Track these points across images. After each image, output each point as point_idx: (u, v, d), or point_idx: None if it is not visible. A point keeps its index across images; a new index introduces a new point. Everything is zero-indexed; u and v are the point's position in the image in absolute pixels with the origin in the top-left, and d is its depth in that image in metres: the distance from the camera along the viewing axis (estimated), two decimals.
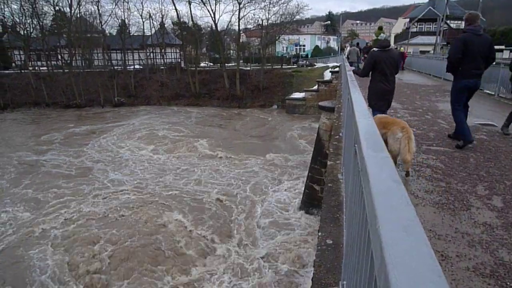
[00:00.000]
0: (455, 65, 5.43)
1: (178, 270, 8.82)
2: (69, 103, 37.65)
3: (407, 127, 4.26)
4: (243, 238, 10.14)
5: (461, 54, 5.26)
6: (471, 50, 5.22)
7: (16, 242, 10.42)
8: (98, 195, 13.67)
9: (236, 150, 19.47)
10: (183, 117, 30.70)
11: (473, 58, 5.28)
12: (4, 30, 48.95)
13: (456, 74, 5.54)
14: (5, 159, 19.28)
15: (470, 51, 5.22)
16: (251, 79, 37.91)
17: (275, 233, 10.44)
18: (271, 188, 13.96)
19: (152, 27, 47.06)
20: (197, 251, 9.63)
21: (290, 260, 9.01)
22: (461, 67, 5.39)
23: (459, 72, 5.47)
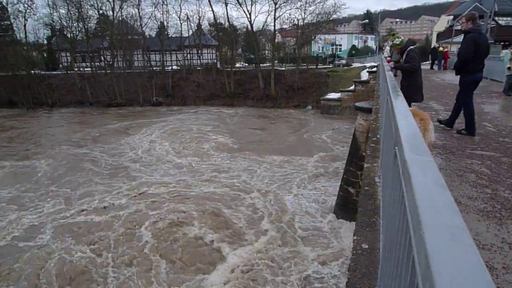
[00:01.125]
0: (466, 63, 5.80)
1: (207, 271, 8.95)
2: (111, 102, 39.35)
3: (425, 119, 4.36)
4: (273, 241, 10.08)
5: (473, 53, 5.65)
6: (479, 48, 5.66)
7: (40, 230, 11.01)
8: (133, 189, 14.15)
9: (269, 150, 19.46)
10: (218, 117, 31.14)
11: (479, 55, 5.74)
12: (53, 34, 52.06)
13: (464, 71, 5.93)
14: (52, 152, 20.82)
15: (478, 49, 5.66)
16: (286, 79, 37.79)
17: (306, 235, 10.31)
18: (304, 189, 13.83)
19: (190, 29, 48.17)
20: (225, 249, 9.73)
21: (320, 264, 8.88)
22: (470, 64, 5.80)
23: (467, 68, 5.86)
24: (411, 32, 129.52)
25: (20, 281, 8.67)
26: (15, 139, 25.62)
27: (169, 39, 46.06)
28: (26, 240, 10.60)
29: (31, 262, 9.38)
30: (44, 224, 11.62)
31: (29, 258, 9.56)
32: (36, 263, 9.34)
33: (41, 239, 10.62)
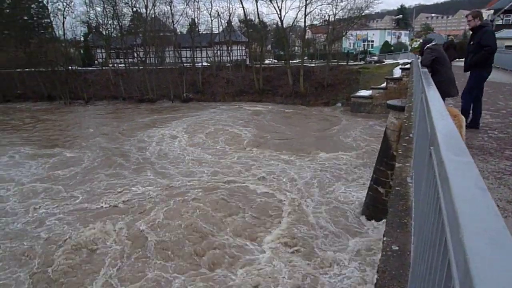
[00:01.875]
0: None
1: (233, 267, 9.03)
2: (143, 98, 40.38)
3: (458, 115, 4.39)
4: (300, 242, 10.02)
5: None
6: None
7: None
8: (162, 182, 14.48)
9: (296, 147, 19.34)
10: (246, 113, 31.26)
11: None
12: (89, 31, 54.05)
13: (485, 65, 6.00)
14: (86, 143, 21.94)
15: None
16: (315, 76, 37.33)
17: (335, 235, 10.18)
18: (331, 188, 13.65)
19: (220, 25, 48.54)
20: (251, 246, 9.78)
21: (349, 265, 8.75)
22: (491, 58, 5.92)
23: (488, 62, 5.98)
24: (447, 28, 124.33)
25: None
26: (54, 130, 27.18)
27: (200, 36, 46.65)
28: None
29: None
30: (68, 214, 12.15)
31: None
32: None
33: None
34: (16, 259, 9.58)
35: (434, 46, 6.51)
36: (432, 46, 6.50)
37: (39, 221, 11.60)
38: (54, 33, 50.09)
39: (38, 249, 9.93)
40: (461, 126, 4.29)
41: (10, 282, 8.64)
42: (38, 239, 10.45)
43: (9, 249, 9.99)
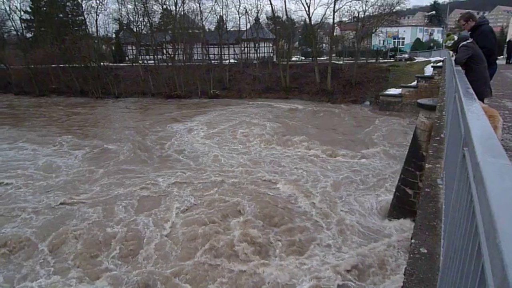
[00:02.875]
0: (492, 54, 6.15)
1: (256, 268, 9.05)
2: (171, 94, 41.13)
3: (494, 116, 4.16)
4: (325, 243, 9.91)
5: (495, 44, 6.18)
6: (495, 38, 6.24)
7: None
8: (191, 176, 14.71)
9: (322, 145, 19.08)
10: (272, 110, 31.21)
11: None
12: (121, 28, 55.59)
13: (489, 62, 6.05)
14: (117, 137, 22.79)
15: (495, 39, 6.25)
16: (343, 74, 36.77)
17: (359, 237, 9.99)
18: (357, 188, 13.43)
19: (248, 23, 48.65)
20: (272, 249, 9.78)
21: (374, 267, 8.59)
22: (493, 55, 6.17)
23: (491, 59, 6.19)
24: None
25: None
26: (87, 123, 28.70)
27: (228, 33, 46.95)
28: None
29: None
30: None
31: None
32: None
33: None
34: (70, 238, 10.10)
35: (470, 44, 6.25)
36: (468, 44, 6.25)
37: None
38: (88, 30, 51.89)
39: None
40: (496, 127, 4.07)
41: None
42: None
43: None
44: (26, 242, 10.09)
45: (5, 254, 9.64)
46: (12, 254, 9.65)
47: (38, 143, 21.63)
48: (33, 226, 10.98)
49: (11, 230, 10.77)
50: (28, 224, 11.14)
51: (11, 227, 11.03)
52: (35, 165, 17.26)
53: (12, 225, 11.15)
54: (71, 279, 8.53)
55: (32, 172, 16.31)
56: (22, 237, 10.34)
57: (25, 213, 11.89)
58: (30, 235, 10.45)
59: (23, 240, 10.17)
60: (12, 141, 22.36)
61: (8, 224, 11.15)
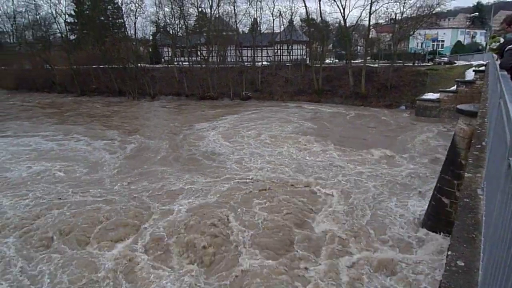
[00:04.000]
0: None
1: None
2: (204, 95, 41.88)
3: None
4: (353, 252, 9.66)
5: None
6: None
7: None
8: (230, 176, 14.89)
9: (354, 150, 18.67)
10: (304, 112, 31.00)
11: None
12: (157, 30, 57.29)
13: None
14: (152, 134, 23.89)
15: None
16: (378, 77, 35.92)
17: (390, 247, 9.64)
18: (390, 195, 13.02)
19: (281, 25, 48.68)
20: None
21: (402, 276, 8.28)
22: None
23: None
24: None
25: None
26: (125, 120, 30.55)
27: (261, 35, 47.20)
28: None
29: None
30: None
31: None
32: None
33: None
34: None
35: None
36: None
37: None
38: (126, 33, 53.97)
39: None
40: None
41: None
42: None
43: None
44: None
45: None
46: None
47: (84, 137, 23.97)
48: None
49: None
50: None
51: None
52: (83, 157, 19.17)
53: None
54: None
55: (80, 162, 18.08)
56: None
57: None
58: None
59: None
60: (58, 135, 25.02)
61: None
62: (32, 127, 27.81)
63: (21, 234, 10.49)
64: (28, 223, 11.11)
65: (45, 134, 25.15)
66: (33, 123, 29.63)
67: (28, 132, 25.97)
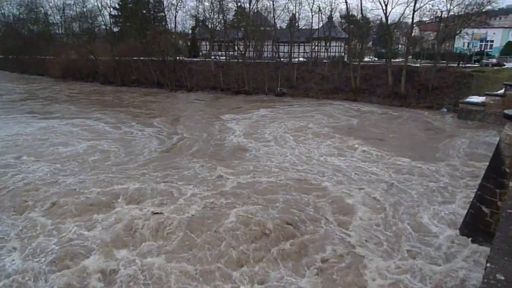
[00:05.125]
0: None
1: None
2: (239, 90, 42.18)
3: None
4: (385, 255, 9.44)
5: None
6: None
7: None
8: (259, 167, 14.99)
9: (391, 152, 18.13)
10: (340, 111, 30.43)
11: None
12: (197, 24, 58.31)
13: None
14: (187, 125, 24.10)
15: None
16: (419, 77, 34.59)
17: (424, 256, 9.26)
18: (424, 201, 12.53)
19: (320, 21, 48.01)
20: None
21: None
22: None
23: None
24: None
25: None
26: (161, 110, 31.94)
27: (299, 31, 46.84)
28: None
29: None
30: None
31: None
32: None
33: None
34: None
35: None
36: None
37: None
38: (167, 26, 55.40)
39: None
40: None
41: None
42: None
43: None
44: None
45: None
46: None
47: (123, 123, 26.08)
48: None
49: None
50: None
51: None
52: (121, 140, 21.18)
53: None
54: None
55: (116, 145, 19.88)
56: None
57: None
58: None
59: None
60: (97, 118, 27.78)
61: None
62: (78, 111, 31.09)
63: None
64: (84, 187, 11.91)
65: (88, 117, 28.24)
66: (79, 108, 32.82)
67: (74, 115, 29.32)
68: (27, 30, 77.46)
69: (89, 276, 8.25)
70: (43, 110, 31.51)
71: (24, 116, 28.38)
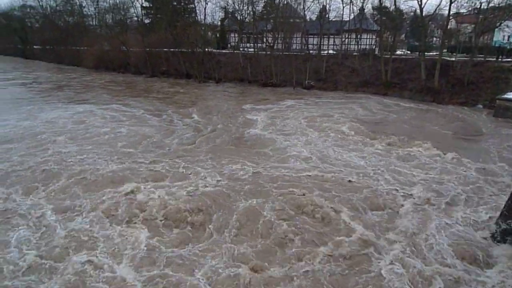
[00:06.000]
0: None
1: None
2: (267, 82, 42.10)
3: None
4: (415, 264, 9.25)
5: None
6: None
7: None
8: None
9: (421, 148, 17.60)
10: (370, 105, 29.76)
11: None
12: (226, 16, 58.44)
13: None
14: (214, 115, 24.51)
15: None
16: (454, 72, 33.25)
17: (459, 259, 8.97)
18: (461, 201, 12.16)
19: (351, 13, 46.94)
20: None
21: None
22: None
23: None
24: None
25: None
26: (189, 100, 33.29)
27: (329, 23, 46.01)
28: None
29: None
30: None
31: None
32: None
33: None
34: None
35: None
36: None
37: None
38: (196, 18, 55.77)
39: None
40: None
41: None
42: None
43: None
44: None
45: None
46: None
47: (151, 110, 27.64)
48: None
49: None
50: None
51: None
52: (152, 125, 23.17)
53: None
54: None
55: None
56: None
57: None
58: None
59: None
60: (129, 105, 30.02)
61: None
62: (111, 99, 33.45)
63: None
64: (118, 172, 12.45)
65: (120, 104, 30.40)
66: (112, 96, 35.32)
67: (108, 101, 31.67)
68: (63, 21, 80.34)
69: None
70: (79, 97, 33.90)
71: (61, 102, 30.89)
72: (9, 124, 22.35)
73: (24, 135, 19.62)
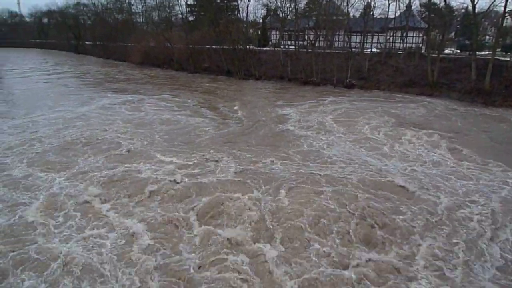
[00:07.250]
0: None
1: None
2: (307, 80, 41.73)
3: None
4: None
5: None
6: None
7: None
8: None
9: (467, 157, 16.81)
10: (415, 107, 28.63)
11: None
12: (268, 13, 58.60)
13: None
14: (253, 111, 24.75)
15: None
16: (508, 72, 31.23)
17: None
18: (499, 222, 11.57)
19: (398, 9, 45.45)
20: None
21: None
22: None
23: None
24: None
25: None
26: (230, 95, 34.45)
27: (373, 20, 44.89)
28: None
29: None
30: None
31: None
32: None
33: None
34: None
35: None
36: None
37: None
38: (239, 15, 56.38)
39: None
40: None
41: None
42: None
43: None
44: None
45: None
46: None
47: (194, 105, 27.25)
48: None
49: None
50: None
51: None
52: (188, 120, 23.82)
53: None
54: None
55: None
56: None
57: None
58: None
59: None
60: (174, 97, 32.00)
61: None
62: (155, 91, 36.66)
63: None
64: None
65: (165, 96, 33.20)
66: (158, 89, 38.09)
67: (151, 92, 35.11)
68: (113, 19, 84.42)
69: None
70: (127, 88, 37.87)
71: (110, 92, 34.79)
72: (71, 110, 25.73)
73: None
